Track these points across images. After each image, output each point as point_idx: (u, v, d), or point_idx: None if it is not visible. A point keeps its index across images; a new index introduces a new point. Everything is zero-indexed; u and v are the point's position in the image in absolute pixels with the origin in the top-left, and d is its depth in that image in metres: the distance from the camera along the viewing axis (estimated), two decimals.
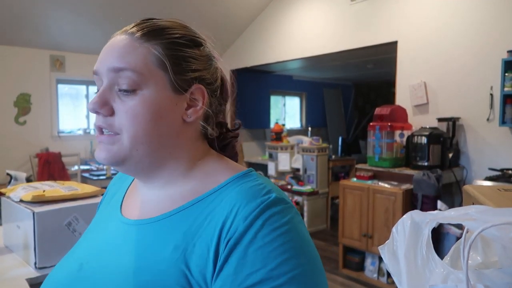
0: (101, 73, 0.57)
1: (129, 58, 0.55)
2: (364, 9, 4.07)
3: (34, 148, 5.11)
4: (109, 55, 0.56)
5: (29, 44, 5.01)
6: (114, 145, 0.55)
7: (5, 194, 1.33)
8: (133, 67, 0.54)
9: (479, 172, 3.12)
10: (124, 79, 0.55)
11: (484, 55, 3.10)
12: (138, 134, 0.55)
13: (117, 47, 0.56)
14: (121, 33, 0.59)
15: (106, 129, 0.56)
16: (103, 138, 0.56)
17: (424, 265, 0.41)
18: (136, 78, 0.54)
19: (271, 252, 0.46)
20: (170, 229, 0.54)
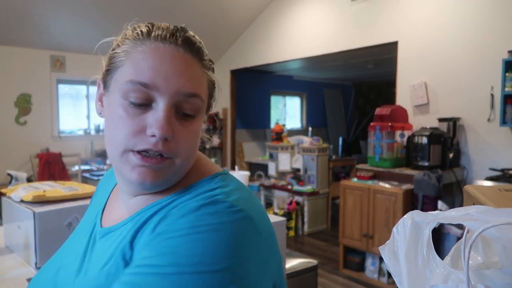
0: (161, 90, 0.51)
1: (199, 84, 0.54)
2: (365, 9, 4.07)
3: (34, 148, 5.11)
4: (181, 77, 0.52)
5: (29, 45, 5.02)
6: (162, 169, 0.52)
7: (6, 194, 1.33)
8: (201, 94, 0.54)
9: (479, 172, 3.12)
10: (191, 105, 0.53)
11: (485, 55, 3.10)
12: (188, 158, 0.55)
13: (190, 71, 0.53)
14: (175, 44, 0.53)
15: (162, 154, 0.51)
16: (152, 162, 0.51)
17: (425, 265, 0.41)
18: (201, 105, 0.54)
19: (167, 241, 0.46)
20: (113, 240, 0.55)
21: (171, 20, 0.64)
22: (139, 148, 0.51)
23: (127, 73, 0.53)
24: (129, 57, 0.54)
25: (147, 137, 0.51)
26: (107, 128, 0.56)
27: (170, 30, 0.54)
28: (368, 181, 3.20)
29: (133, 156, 0.52)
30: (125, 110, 0.52)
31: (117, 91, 0.54)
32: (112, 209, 0.63)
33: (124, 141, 0.52)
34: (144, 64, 0.52)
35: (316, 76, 7.75)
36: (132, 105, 0.52)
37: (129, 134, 0.51)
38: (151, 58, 0.52)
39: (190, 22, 0.64)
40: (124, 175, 0.53)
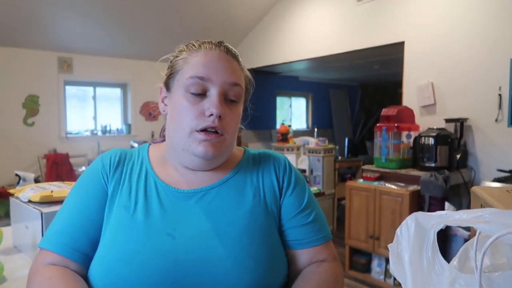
0: (213, 81, 0.72)
1: (239, 77, 0.76)
2: (371, 9, 4.05)
3: (42, 149, 5.16)
4: (226, 71, 0.73)
5: (37, 46, 5.07)
6: (219, 143, 0.72)
7: (14, 194, 1.35)
8: (241, 83, 0.76)
9: (487, 173, 3.09)
10: (235, 92, 0.74)
11: (492, 55, 3.07)
12: (234, 135, 0.76)
13: (231, 66, 0.74)
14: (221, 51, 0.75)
15: (217, 130, 0.71)
16: (212, 137, 0.71)
17: (430, 268, 0.41)
18: (242, 93, 0.76)
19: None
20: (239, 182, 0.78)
21: (177, 21, 0.66)
22: (201, 127, 0.70)
23: (187, 72, 0.73)
24: (187, 62, 0.74)
25: (206, 118, 0.71)
26: (173, 118, 0.74)
27: (214, 42, 0.76)
28: (374, 182, 3.18)
29: (198, 134, 0.71)
30: (188, 100, 0.72)
31: (180, 88, 0.73)
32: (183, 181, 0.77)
33: (190, 123, 0.71)
34: (199, 64, 0.73)
35: (322, 77, 7.72)
36: (192, 95, 0.72)
37: (193, 118, 0.71)
38: (204, 59, 0.73)
39: (196, 24, 0.67)
40: (192, 150, 0.72)
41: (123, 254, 0.66)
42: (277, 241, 0.74)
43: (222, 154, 0.75)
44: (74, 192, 0.77)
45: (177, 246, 0.67)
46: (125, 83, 6.08)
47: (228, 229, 0.70)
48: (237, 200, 0.74)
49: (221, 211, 0.72)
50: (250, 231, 0.70)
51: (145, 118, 6.20)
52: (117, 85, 6.10)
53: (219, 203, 0.73)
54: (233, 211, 0.73)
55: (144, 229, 0.69)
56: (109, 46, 5.40)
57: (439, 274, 0.40)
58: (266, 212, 0.75)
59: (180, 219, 0.70)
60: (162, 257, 0.66)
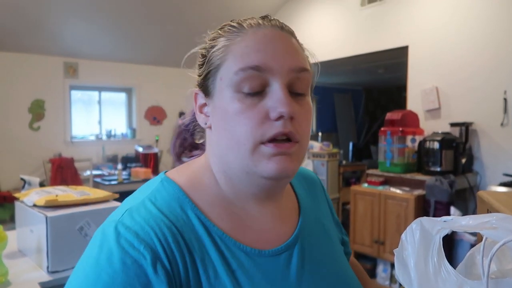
0: (274, 70, 0.49)
1: (304, 59, 0.53)
2: (375, 14, 4.05)
3: (47, 154, 5.19)
4: (292, 54, 0.51)
5: (43, 52, 5.12)
6: (297, 154, 0.51)
7: (19, 198, 1.35)
8: (308, 68, 0.53)
9: (493, 178, 3.06)
10: (302, 81, 0.51)
11: (497, 59, 3.06)
12: (308, 141, 0.53)
13: (295, 48, 0.52)
14: (274, 28, 0.54)
15: (290, 137, 0.49)
16: (285, 147, 0.49)
17: (436, 274, 0.40)
18: (310, 80, 0.53)
19: None
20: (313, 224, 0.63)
21: (181, 26, 0.65)
22: (269, 136, 0.48)
23: (234, 64, 0.50)
24: (230, 50, 0.51)
25: (273, 122, 0.48)
26: (223, 132, 0.51)
27: (259, 18, 0.55)
28: (379, 186, 3.17)
29: (266, 147, 0.49)
30: (242, 102, 0.49)
31: (227, 88, 0.50)
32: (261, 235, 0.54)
33: (252, 135, 0.48)
34: (249, 47, 0.50)
35: (326, 81, 7.72)
36: (247, 96, 0.49)
37: (254, 126, 0.48)
38: (254, 42, 0.51)
39: (200, 29, 0.65)
40: (261, 172, 0.49)
41: None
42: None
43: (298, 168, 0.53)
44: None
45: None
46: (130, 88, 6.12)
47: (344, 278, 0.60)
48: (326, 243, 0.61)
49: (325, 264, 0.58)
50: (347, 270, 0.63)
51: (149, 123, 6.23)
52: (122, 89, 6.13)
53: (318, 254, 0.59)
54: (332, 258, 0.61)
55: None
56: (114, 51, 5.44)
57: (445, 280, 0.40)
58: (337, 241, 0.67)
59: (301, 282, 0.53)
60: None
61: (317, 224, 0.62)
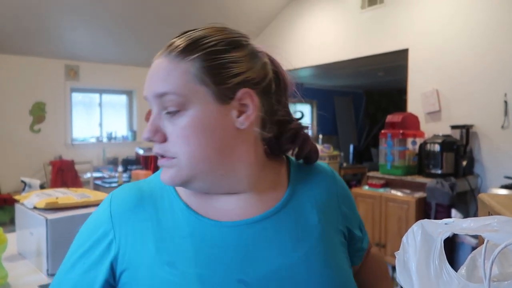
0: (149, 100, 0.57)
1: (170, 80, 0.54)
2: (375, 17, 4.06)
3: (48, 156, 5.19)
4: (152, 80, 0.56)
5: (44, 54, 5.13)
6: (173, 168, 0.56)
7: (19, 201, 1.35)
8: (174, 89, 0.54)
9: (494, 181, 3.06)
10: (169, 102, 0.54)
11: (497, 61, 3.06)
12: (194, 154, 0.55)
13: (158, 72, 0.56)
14: (160, 55, 0.57)
15: (163, 155, 0.56)
16: (163, 162, 0.57)
17: (438, 277, 0.40)
18: (179, 100, 0.54)
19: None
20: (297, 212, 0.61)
21: (182, 28, 0.65)
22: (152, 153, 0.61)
23: None
24: None
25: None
26: None
27: (169, 43, 0.59)
28: (380, 189, 3.16)
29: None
30: None
31: None
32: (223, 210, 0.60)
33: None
34: None
35: (326, 84, 7.73)
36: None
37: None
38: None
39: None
40: None
41: None
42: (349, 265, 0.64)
43: (192, 179, 0.56)
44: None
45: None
46: (130, 90, 6.13)
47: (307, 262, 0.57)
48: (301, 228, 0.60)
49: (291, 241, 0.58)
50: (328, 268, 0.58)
51: None
52: (122, 92, 6.14)
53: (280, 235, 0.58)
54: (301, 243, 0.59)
55: (207, 281, 0.53)
56: (115, 54, 5.46)
57: (447, 283, 0.39)
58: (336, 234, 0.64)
59: (249, 260, 0.55)
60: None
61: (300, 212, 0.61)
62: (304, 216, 0.61)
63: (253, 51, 0.59)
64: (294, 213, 0.61)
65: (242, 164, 0.58)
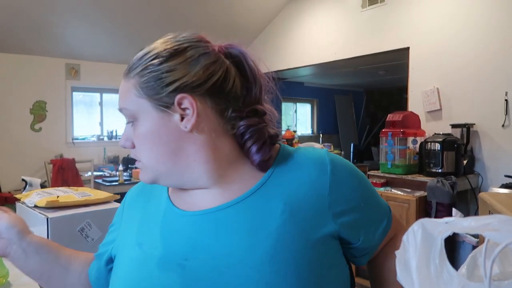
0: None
1: (123, 97, 0.64)
2: (375, 15, 4.05)
3: (48, 155, 5.20)
4: (120, 97, 0.66)
5: (45, 53, 5.13)
6: (142, 170, 0.66)
7: (20, 199, 1.35)
8: (125, 105, 0.64)
9: (494, 180, 3.06)
10: (126, 115, 0.65)
11: (498, 60, 3.05)
12: (151, 157, 0.64)
13: (121, 91, 0.65)
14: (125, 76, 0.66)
15: (135, 158, 0.67)
16: (136, 164, 0.68)
17: (438, 277, 0.40)
18: (129, 113, 0.64)
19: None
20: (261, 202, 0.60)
21: (183, 28, 0.65)
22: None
23: None
24: None
25: None
26: None
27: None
28: (380, 188, 3.16)
29: None
30: None
31: None
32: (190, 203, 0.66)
33: None
34: None
35: (327, 83, 7.73)
36: None
37: None
38: None
39: (202, 31, 0.65)
40: None
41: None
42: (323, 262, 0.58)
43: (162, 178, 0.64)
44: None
45: (185, 277, 0.57)
46: None
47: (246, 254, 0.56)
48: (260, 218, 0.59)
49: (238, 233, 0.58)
50: (273, 257, 0.55)
51: None
52: None
53: (235, 224, 0.59)
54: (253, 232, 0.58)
55: (155, 261, 0.61)
56: (116, 53, 5.45)
57: (447, 282, 0.39)
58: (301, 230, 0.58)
59: (194, 246, 0.59)
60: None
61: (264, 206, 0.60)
62: (266, 209, 0.59)
63: (194, 55, 0.61)
64: (256, 205, 0.60)
65: (197, 163, 0.62)
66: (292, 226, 0.57)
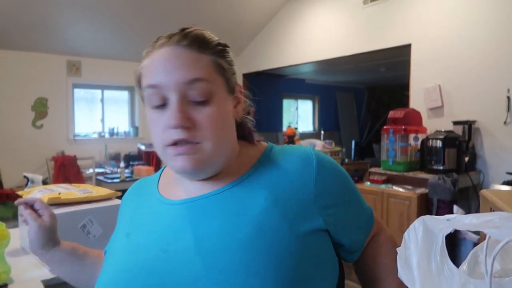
0: (166, 87, 0.58)
1: (198, 69, 0.59)
2: (377, 12, 4.03)
3: (50, 152, 5.21)
4: (176, 68, 0.58)
5: (46, 50, 5.13)
6: (197, 154, 0.59)
7: (22, 196, 1.36)
8: (205, 76, 0.59)
9: (496, 177, 3.05)
10: (198, 90, 0.58)
11: (500, 57, 3.04)
12: (219, 139, 0.60)
13: (182, 60, 0.59)
14: (171, 44, 0.60)
15: (187, 141, 0.59)
16: (182, 149, 0.59)
17: (439, 273, 0.40)
18: (208, 87, 0.59)
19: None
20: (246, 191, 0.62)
21: (184, 24, 0.65)
22: (168, 142, 0.59)
23: (144, 82, 0.62)
24: (144, 69, 0.63)
25: (171, 131, 0.59)
26: (150, 131, 0.64)
27: (167, 36, 0.63)
28: (382, 185, 3.16)
29: (169, 149, 0.60)
30: (152, 114, 0.61)
31: (145, 99, 0.63)
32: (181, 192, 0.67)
33: (159, 140, 0.61)
34: (150, 69, 0.61)
35: (328, 80, 7.71)
36: (154, 109, 0.61)
37: (159, 133, 0.60)
38: (153, 63, 0.61)
39: (204, 27, 0.65)
40: (172, 167, 0.63)
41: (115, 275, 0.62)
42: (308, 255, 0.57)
43: (210, 163, 0.61)
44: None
45: (167, 261, 0.58)
46: (132, 86, 6.13)
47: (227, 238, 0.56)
48: (243, 205, 0.60)
49: (220, 219, 0.59)
50: (252, 241, 0.55)
51: None
52: (124, 88, 6.14)
53: (218, 211, 0.60)
54: (234, 218, 0.58)
55: (140, 248, 0.62)
56: (117, 49, 5.45)
57: (448, 279, 0.39)
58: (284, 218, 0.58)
59: (177, 232, 0.60)
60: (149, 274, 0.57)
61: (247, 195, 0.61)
62: (250, 197, 0.60)
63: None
64: (241, 194, 0.61)
65: (233, 151, 0.66)
66: (274, 213, 0.58)
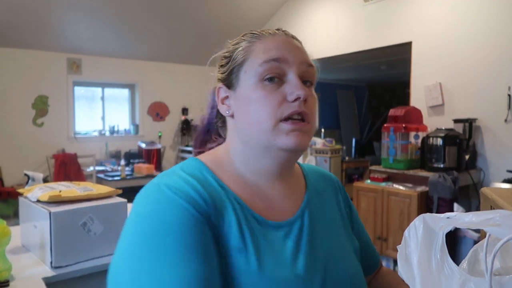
0: (290, 62, 0.63)
1: (309, 58, 0.67)
2: (378, 10, 4.02)
3: (51, 149, 5.21)
4: (302, 52, 0.66)
5: (47, 48, 5.13)
6: (307, 134, 0.62)
7: (23, 194, 1.36)
8: (315, 66, 0.67)
9: (496, 175, 3.05)
10: (310, 74, 0.65)
11: (501, 55, 3.03)
12: (316, 123, 0.66)
13: (303, 48, 0.68)
14: (287, 35, 0.68)
15: (304, 117, 0.61)
16: (299, 126, 0.61)
17: (439, 271, 0.40)
18: (316, 76, 0.67)
19: None
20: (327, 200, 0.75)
21: (184, 23, 0.65)
22: (287, 114, 0.60)
23: (257, 59, 0.63)
24: (253, 49, 0.64)
25: (290, 104, 0.60)
26: (246, 115, 0.63)
27: (272, 29, 0.69)
28: (382, 183, 3.16)
29: (284, 124, 0.60)
30: (264, 88, 0.61)
31: (250, 79, 0.62)
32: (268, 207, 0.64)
33: (273, 114, 0.60)
34: (270, 46, 0.64)
35: (329, 78, 7.70)
36: (269, 82, 0.61)
37: (275, 106, 0.60)
38: (273, 42, 0.65)
39: (203, 26, 0.66)
40: (281, 145, 0.61)
41: None
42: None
43: (308, 146, 0.67)
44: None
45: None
46: (133, 84, 6.12)
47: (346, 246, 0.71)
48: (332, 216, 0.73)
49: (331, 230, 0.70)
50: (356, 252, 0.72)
51: (152, 119, 6.23)
52: (125, 85, 6.14)
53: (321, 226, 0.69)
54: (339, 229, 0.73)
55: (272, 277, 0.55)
56: (117, 47, 5.44)
57: (448, 277, 0.40)
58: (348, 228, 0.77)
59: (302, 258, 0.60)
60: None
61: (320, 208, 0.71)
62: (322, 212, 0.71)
63: None
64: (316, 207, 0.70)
65: None
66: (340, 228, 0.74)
